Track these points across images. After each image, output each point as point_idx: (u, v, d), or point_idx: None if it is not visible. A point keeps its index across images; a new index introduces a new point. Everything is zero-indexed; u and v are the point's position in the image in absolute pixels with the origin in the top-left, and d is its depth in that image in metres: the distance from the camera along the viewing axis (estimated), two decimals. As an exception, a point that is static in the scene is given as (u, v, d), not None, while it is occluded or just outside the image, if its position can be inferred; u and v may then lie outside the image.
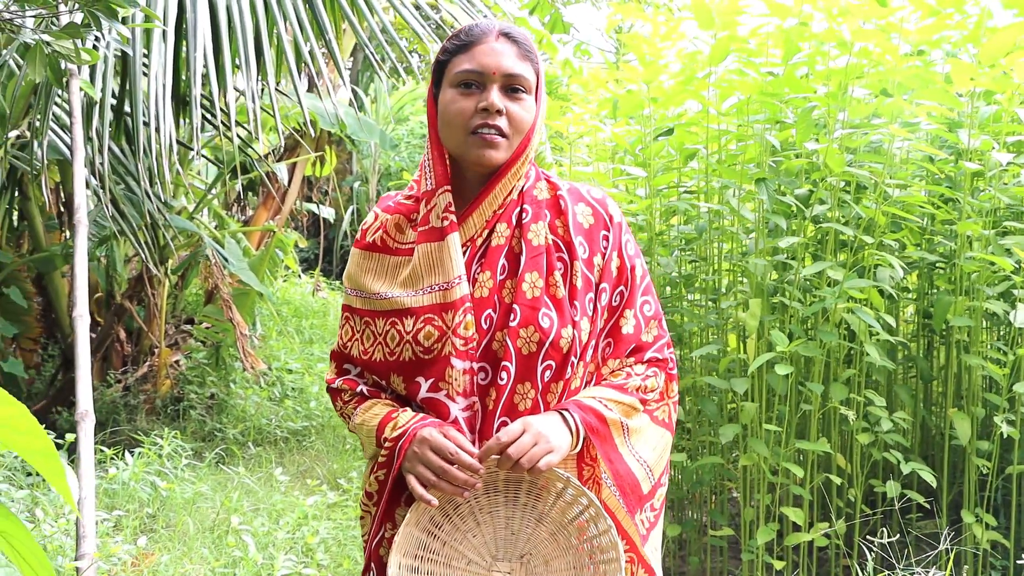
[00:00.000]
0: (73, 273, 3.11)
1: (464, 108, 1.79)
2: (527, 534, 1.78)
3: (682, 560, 4.31)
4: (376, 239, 1.92)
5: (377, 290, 1.87)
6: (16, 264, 6.08)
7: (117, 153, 5.31)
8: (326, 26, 4.57)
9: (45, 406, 6.08)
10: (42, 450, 1.20)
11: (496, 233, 1.85)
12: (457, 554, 1.76)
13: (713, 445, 4.08)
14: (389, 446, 1.79)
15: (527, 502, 1.79)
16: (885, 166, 3.56)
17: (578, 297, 1.82)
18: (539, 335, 1.77)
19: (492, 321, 1.80)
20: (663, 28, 4.16)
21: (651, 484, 1.88)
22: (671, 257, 4.17)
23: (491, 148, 1.79)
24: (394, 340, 1.83)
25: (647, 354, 1.91)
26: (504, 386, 1.78)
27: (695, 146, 4.02)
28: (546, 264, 1.82)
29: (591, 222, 1.90)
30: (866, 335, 3.60)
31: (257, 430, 6.22)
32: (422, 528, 1.75)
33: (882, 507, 3.95)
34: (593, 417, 1.79)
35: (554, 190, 1.92)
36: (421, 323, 1.79)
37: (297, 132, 7.13)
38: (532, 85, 1.83)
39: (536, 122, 1.85)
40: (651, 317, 1.92)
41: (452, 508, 1.77)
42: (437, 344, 1.78)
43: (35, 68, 3.31)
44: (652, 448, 1.89)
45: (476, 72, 1.79)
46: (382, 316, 1.86)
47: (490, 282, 1.82)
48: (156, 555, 3.75)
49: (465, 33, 1.84)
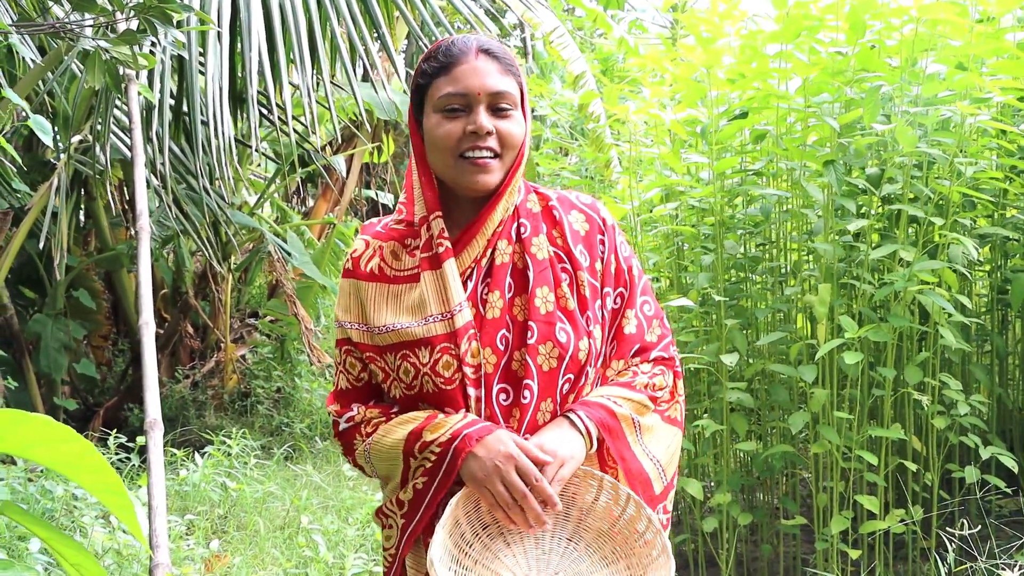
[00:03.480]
0: (138, 280, 3.14)
1: (451, 132, 1.73)
2: (560, 551, 1.74)
3: (754, 546, 4.25)
4: (374, 267, 1.84)
5: (384, 322, 1.78)
6: (84, 264, 6.18)
7: (177, 153, 5.37)
8: (378, 18, 4.55)
9: (116, 403, 6.20)
10: (110, 488, 1.19)
11: (499, 251, 1.80)
12: (489, 572, 1.70)
13: (784, 431, 4.01)
14: (439, 450, 1.70)
15: (556, 521, 1.74)
16: (957, 142, 3.44)
17: (588, 307, 1.79)
18: (559, 350, 1.73)
19: (508, 341, 1.75)
20: (722, 6, 4.06)
21: (663, 484, 1.83)
22: (738, 240, 4.09)
23: (484, 173, 1.74)
24: (409, 374, 1.76)
25: (652, 353, 1.87)
26: (528, 405, 1.73)
27: (764, 127, 3.92)
28: (552, 277, 1.78)
29: (587, 228, 1.86)
30: (941, 317, 3.49)
31: (324, 424, 6.26)
32: (454, 542, 1.69)
33: (960, 493, 3.85)
34: (604, 413, 1.75)
35: (545, 201, 1.87)
36: (438, 353, 1.73)
37: (353, 123, 7.13)
38: (517, 99, 1.78)
39: (526, 135, 1.80)
40: (652, 316, 1.88)
41: (481, 528, 1.72)
42: (457, 374, 1.73)
43: (94, 74, 3.34)
44: (665, 447, 1.85)
45: (460, 95, 1.74)
46: (391, 350, 1.78)
47: (500, 302, 1.76)
48: (228, 557, 3.79)
49: (443, 53, 1.77)
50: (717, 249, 3.88)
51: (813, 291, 3.74)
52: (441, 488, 1.73)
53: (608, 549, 1.73)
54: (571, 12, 10.13)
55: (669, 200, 4.27)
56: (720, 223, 3.88)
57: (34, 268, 5.98)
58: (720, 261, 3.89)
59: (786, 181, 3.95)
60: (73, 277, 6.10)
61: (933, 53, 3.52)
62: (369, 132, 7.50)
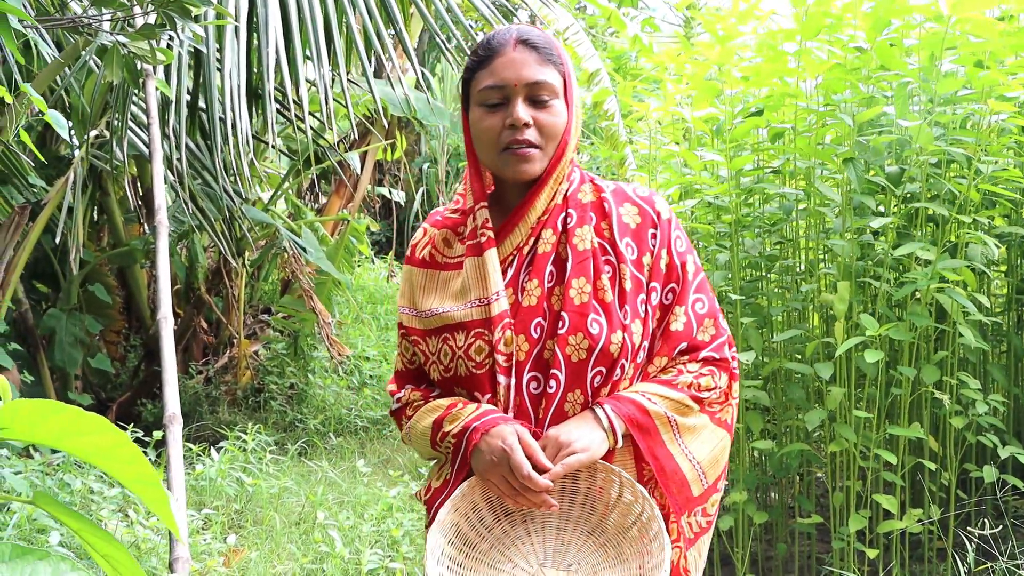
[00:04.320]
0: (155, 275, 3.14)
1: (492, 125, 1.77)
2: (578, 545, 1.75)
3: (769, 545, 4.24)
4: (426, 255, 1.92)
5: (429, 306, 1.85)
6: (98, 259, 6.20)
7: (193, 148, 5.37)
8: (395, 13, 4.55)
9: (130, 398, 6.21)
10: (145, 479, 1.19)
11: (542, 240, 1.81)
12: (503, 557, 1.73)
13: (799, 430, 4.00)
14: (454, 441, 1.76)
15: (581, 515, 1.75)
16: (978, 141, 3.42)
17: (628, 300, 1.77)
18: (588, 342, 1.72)
19: (543, 330, 1.76)
20: (743, 5, 4.04)
21: (703, 487, 1.81)
22: (755, 239, 4.07)
23: (525, 162, 1.76)
24: (447, 356, 1.81)
25: (703, 353, 1.83)
26: (553, 395, 1.74)
27: (783, 125, 3.91)
28: (593, 268, 1.78)
29: (638, 221, 1.84)
30: (960, 316, 3.48)
31: (337, 420, 6.27)
32: (470, 525, 1.73)
33: (978, 493, 3.84)
34: (634, 409, 1.74)
35: (598, 192, 1.87)
36: (472, 337, 1.77)
37: (367, 119, 7.13)
38: (558, 88, 1.78)
39: (571, 124, 1.80)
40: (705, 315, 1.85)
41: (504, 513, 1.75)
42: (488, 360, 1.76)
43: (112, 69, 3.34)
44: (709, 450, 1.82)
45: (498, 87, 1.76)
46: (434, 334, 1.84)
47: (538, 290, 1.77)
48: (245, 551, 3.79)
49: (483, 47, 1.80)
50: (732, 247, 3.87)
51: (830, 289, 3.73)
52: (458, 479, 1.78)
53: (626, 546, 1.73)
54: (583, 11, 10.12)
55: (686, 198, 4.26)
56: (736, 221, 3.87)
57: (49, 263, 6.00)
58: (736, 259, 3.87)
59: (804, 180, 3.93)
60: (87, 272, 6.11)
61: (952, 51, 3.50)
62: (384, 127, 7.50)
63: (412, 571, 3.77)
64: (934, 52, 3.41)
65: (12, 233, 4.39)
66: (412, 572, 3.76)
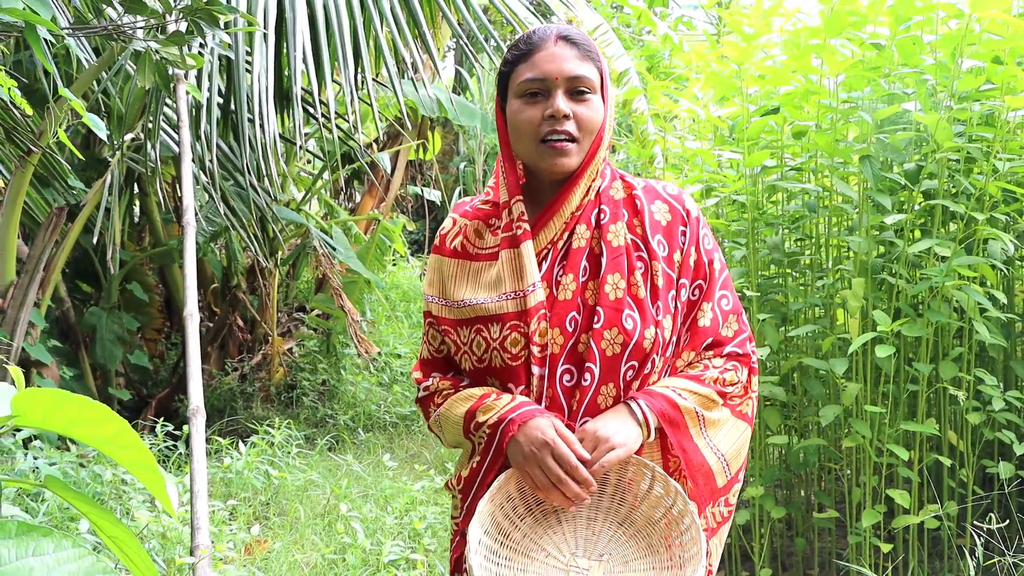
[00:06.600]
0: (184, 273, 3.24)
1: (531, 117, 1.80)
2: (608, 535, 1.79)
3: (789, 540, 4.27)
4: (457, 245, 1.93)
5: (461, 297, 1.87)
6: (138, 259, 6.35)
7: (225, 150, 5.49)
8: (420, 21, 4.63)
9: (168, 394, 6.36)
10: (144, 464, 1.28)
11: (576, 235, 1.85)
12: (536, 546, 1.77)
13: (818, 425, 4.02)
14: (488, 432, 1.79)
15: (611, 506, 1.79)
16: (997, 137, 3.43)
17: (660, 296, 1.81)
18: (623, 337, 1.76)
19: (577, 323, 1.79)
20: (767, 3, 4.07)
21: (726, 478, 1.86)
22: (776, 236, 4.10)
23: (562, 156, 1.79)
24: (481, 347, 1.83)
25: (727, 348, 1.88)
26: (587, 388, 1.77)
27: (805, 123, 3.93)
28: (627, 265, 1.82)
29: (668, 219, 1.89)
30: (976, 312, 3.49)
31: (367, 416, 6.36)
32: (504, 514, 1.76)
33: (996, 489, 3.84)
34: (665, 404, 1.77)
35: (629, 189, 1.91)
36: (508, 329, 1.79)
37: (398, 121, 7.23)
38: (596, 84, 1.82)
39: (606, 120, 1.84)
40: (729, 311, 1.90)
41: (535, 503, 1.79)
42: (523, 351, 1.79)
43: (144, 74, 3.45)
44: (732, 442, 1.87)
45: (539, 80, 1.79)
46: (466, 324, 1.86)
47: (573, 284, 1.81)
48: (269, 542, 3.89)
49: (524, 42, 1.84)
50: (749, 244, 3.90)
51: (848, 285, 3.75)
52: (491, 468, 1.81)
53: (655, 538, 1.77)
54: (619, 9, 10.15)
55: (709, 195, 4.30)
56: (755, 218, 3.90)
57: (90, 263, 6.17)
58: (754, 256, 3.90)
59: (827, 177, 3.95)
60: (127, 271, 6.27)
61: (973, 46, 3.51)
62: (414, 129, 7.60)
63: (433, 563, 3.84)
64: (955, 48, 3.42)
65: (51, 234, 4.53)
66: (433, 564, 3.83)
